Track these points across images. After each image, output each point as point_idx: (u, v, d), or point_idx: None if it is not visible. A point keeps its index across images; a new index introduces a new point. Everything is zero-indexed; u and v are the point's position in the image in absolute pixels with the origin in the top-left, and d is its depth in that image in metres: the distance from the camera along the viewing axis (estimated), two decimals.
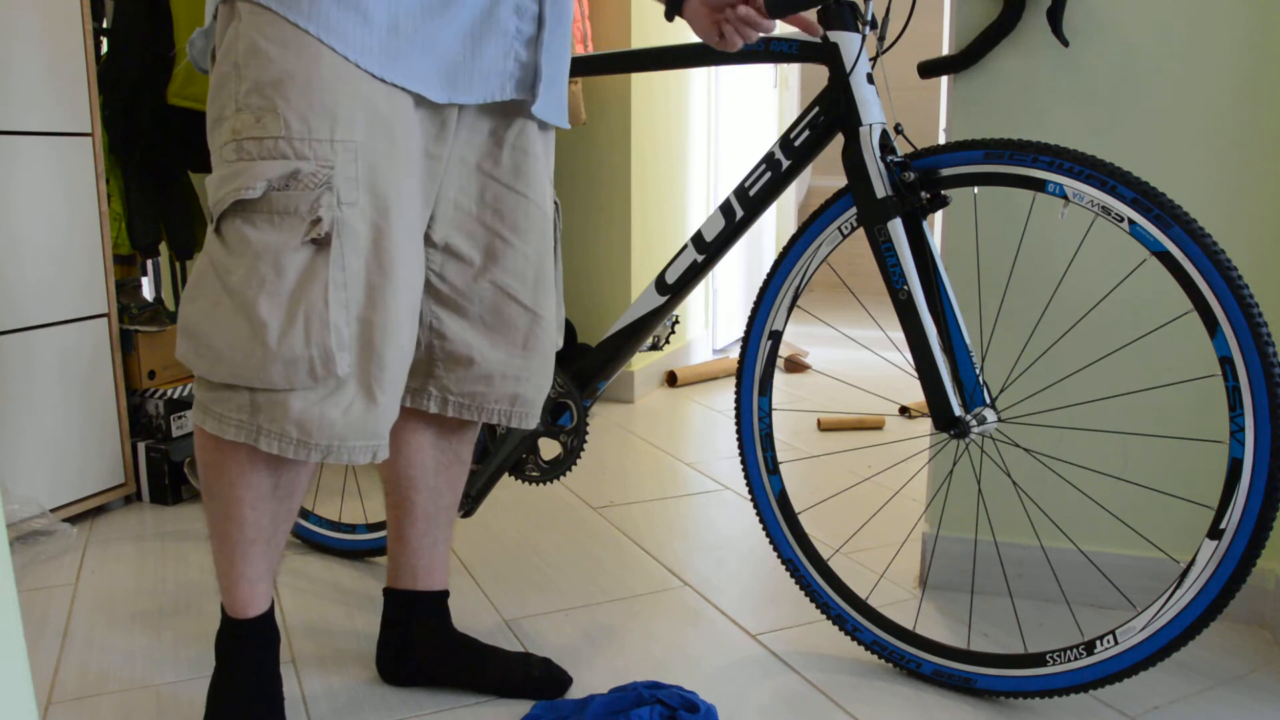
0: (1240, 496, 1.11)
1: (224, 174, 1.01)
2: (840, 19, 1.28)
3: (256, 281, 1.00)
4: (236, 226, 1.01)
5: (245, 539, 1.14)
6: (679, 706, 1.24)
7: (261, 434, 1.04)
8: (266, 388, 1.03)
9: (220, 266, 1.03)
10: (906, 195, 1.26)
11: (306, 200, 1.00)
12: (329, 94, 1.01)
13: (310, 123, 1.00)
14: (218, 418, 1.06)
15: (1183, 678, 1.39)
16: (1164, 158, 1.49)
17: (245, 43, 1.00)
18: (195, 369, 1.05)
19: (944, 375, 1.25)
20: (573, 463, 1.53)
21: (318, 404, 1.04)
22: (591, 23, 2.92)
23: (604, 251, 3.05)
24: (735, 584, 1.72)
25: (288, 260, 1.01)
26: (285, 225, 1.01)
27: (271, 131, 0.99)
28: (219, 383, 1.05)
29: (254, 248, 1.00)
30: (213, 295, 1.03)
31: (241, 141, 1.00)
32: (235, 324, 1.01)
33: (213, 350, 1.03)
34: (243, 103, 1.00)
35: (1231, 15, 1.43)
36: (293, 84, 1.00)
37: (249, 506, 1.12)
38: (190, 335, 1.04)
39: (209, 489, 1.13)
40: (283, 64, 0.99)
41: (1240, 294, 1.09)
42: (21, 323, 1.87)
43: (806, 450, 2.56)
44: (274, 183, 1.00)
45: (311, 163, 1.01)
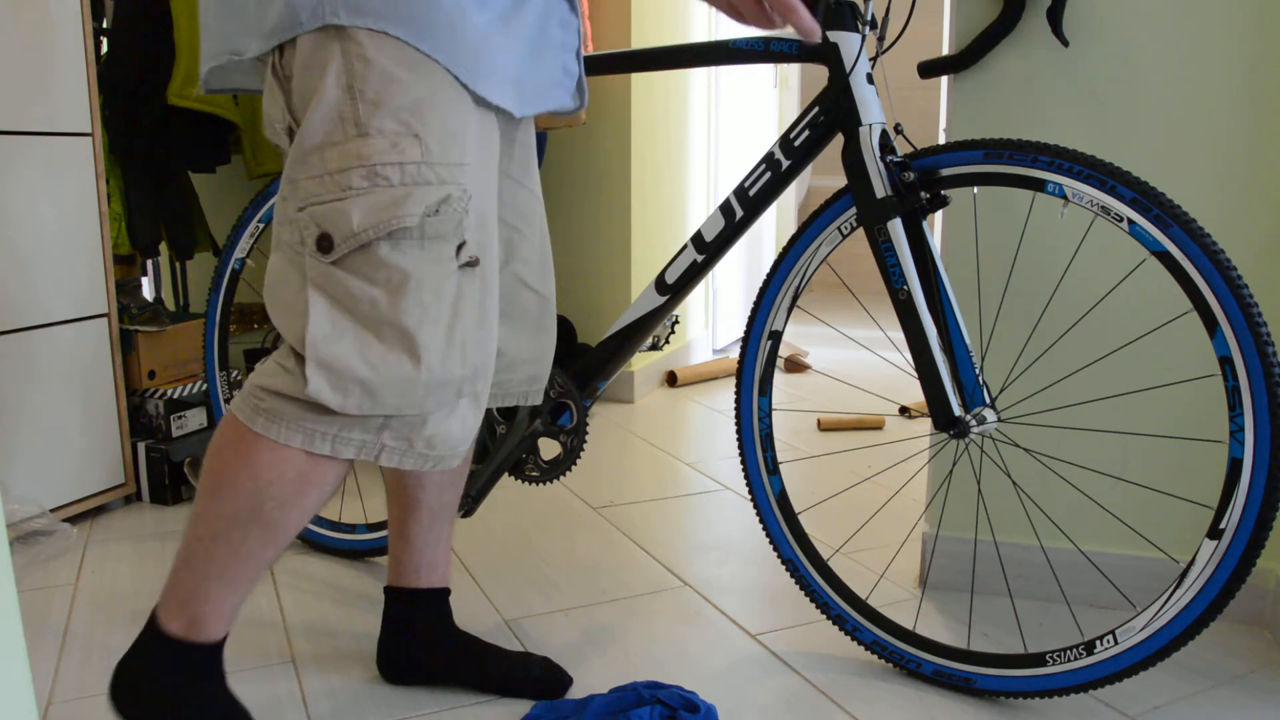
0: (1240, 496, 1.11)
1: (363, 201, 0.98)
2: (840, 19, 1.28)
3: (418, 309, 1.00)
4: (381, 254, 0.99)
5: (276, 555, 1.10)
6: (679, 706, 1.24)
7: (384, 450, 1.04)
8: (413, 412, 1.03)
9: (353, 295, 0.99)
10: (906, 195, 1.26)
11: (453, 224, 1.02)
12: (454, 117, 1.02)
13: (448, 147, 1.01)
14: (333, 440, 1.03)
15: (1183, 678, 1.39)
16: (1164, 157, 1.49)
17: (364, 66, 0.98)
18: (332, 404, 1.00)
19: (944, 375, 1.25)
20: (573, 463, 1.53)
21: (446, 419, 1.06)
22: (591, 23, 2.92)
23: (604, 251, 3.05)
24: (735, 584, 1.72)
25: (446, 286, 1.02)
26: (436, 250, 1.01)
27: (412, 157, 0.99)
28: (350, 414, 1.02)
29: (410, 275, 0.99)
30: (355, 332, 1.00)
31: (375, 167, 0.98)
32: (392, 355, 1.00)
33: (361, 384, 1.00)
34: (370, 128, 0.98)
35: (1231, 15, 1.43)
36: (429, 108, 1.00)
37: (301, 520, 1.09)
38: (331, 370, 0.99)
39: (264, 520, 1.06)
40: (415, 89, 0.99)
41: (1240, 294, 1.09)
42: (22, 323, 1.87)
43: (806, 450, 2.56)
44: (428, 209, 1.00)
45: (455, 187, 1.02)
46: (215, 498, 1.06)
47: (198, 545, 1.08)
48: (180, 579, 1.10)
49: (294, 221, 1.01)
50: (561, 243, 3.10)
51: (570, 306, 3.12)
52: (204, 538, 1.07)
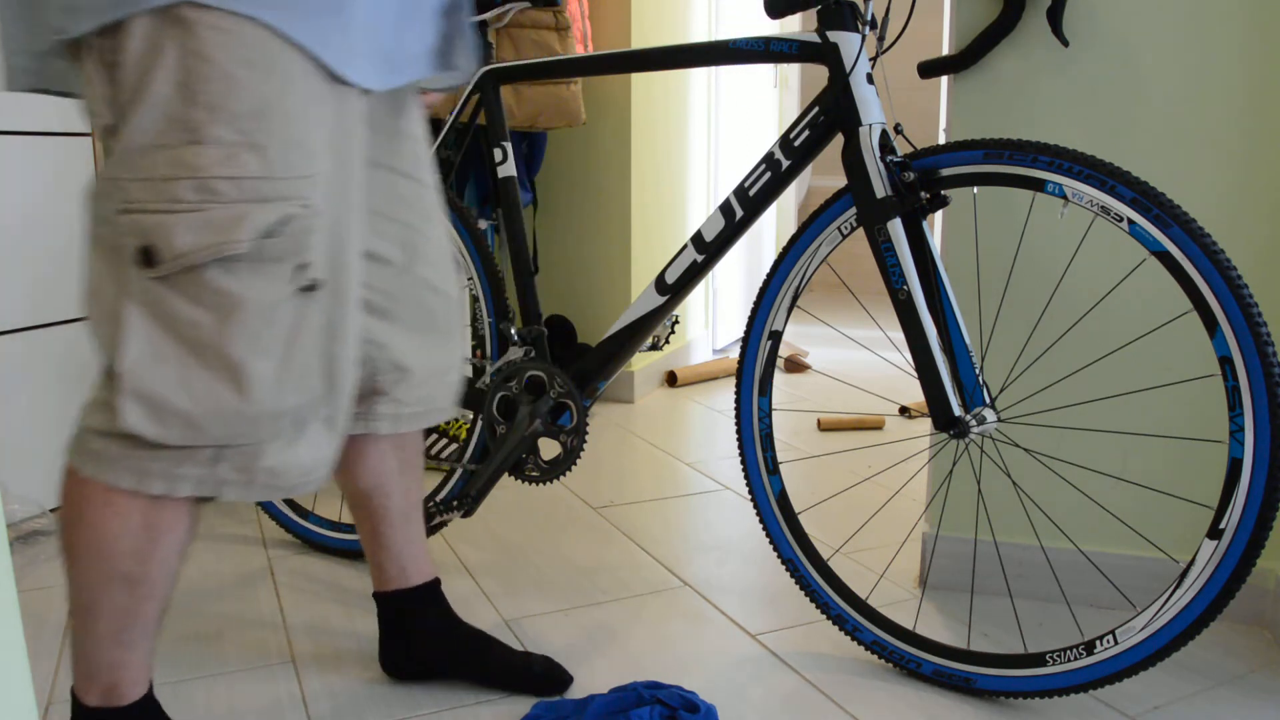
0: (1240, 496, 1.11)
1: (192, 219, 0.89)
2: (840, 19, 1.28)
3: (247, 337, 0.92)
4: (210, 278, 0.90)
5: (161, 605, 1.05)
6: (679, 706, 1.24)
7: (224, 485, 0.97)
8: (243, 443, 0.95)
9: (176, 316, 0.91)
10: (906, 195, 1.26)
11: (292, 245, 0.93)
12: (302, 122, 0.93)
13: (292, 159, 0.92)
14: (166, 478, 0.95)
15: (1183, 678, 1.39)
16: (1163, 157, 1.49)
17: (201, 64, 0.88)
18: (151, 436, 0.92)
19: (944, 375, 1.25)
20: (573, 463, 1.53)
21: (287, 449, 0.98)
22: (591, 23, 2.92)
23: (604, 251, 3.05)
24: (735, 584, 1.72)
25: (280, 312, 0.93)
26: (271, 273, 0.92)
27: (251, 171, 0.89)
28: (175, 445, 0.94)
29: (240, 301, 0.91)
30: (177, 355, 0.91)
31: (207, 181, 0.88)
32: (216, 385, 0.92)
33: (181, 415, 0.92)
34: (204, 135, 0.88)
35: (1231, 14, 1.43)
36: (274, 114, 0.91)
37: (168, 570, 1.03)
38: (148, 402, 0.91)
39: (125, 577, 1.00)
40: (259, 90, 0.90)
41: (1240, 294, 1.09)
42: (21, 323, 1.87)
43: (806, 450, 2.56)
44: (264, 230, 0.90)
45: (296, 203, 0.92)
46: (73, 564, 1.00)
47: (78, 618, 1.02)
48: (80, 653, 1.05)
49: (111, 223, 0.91)
50: (561, 243, 3.10)
51: (570, 306, 3.12)
52: (79, 609, 1.02)
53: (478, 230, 1.66)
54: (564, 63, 1.53)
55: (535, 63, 1.56)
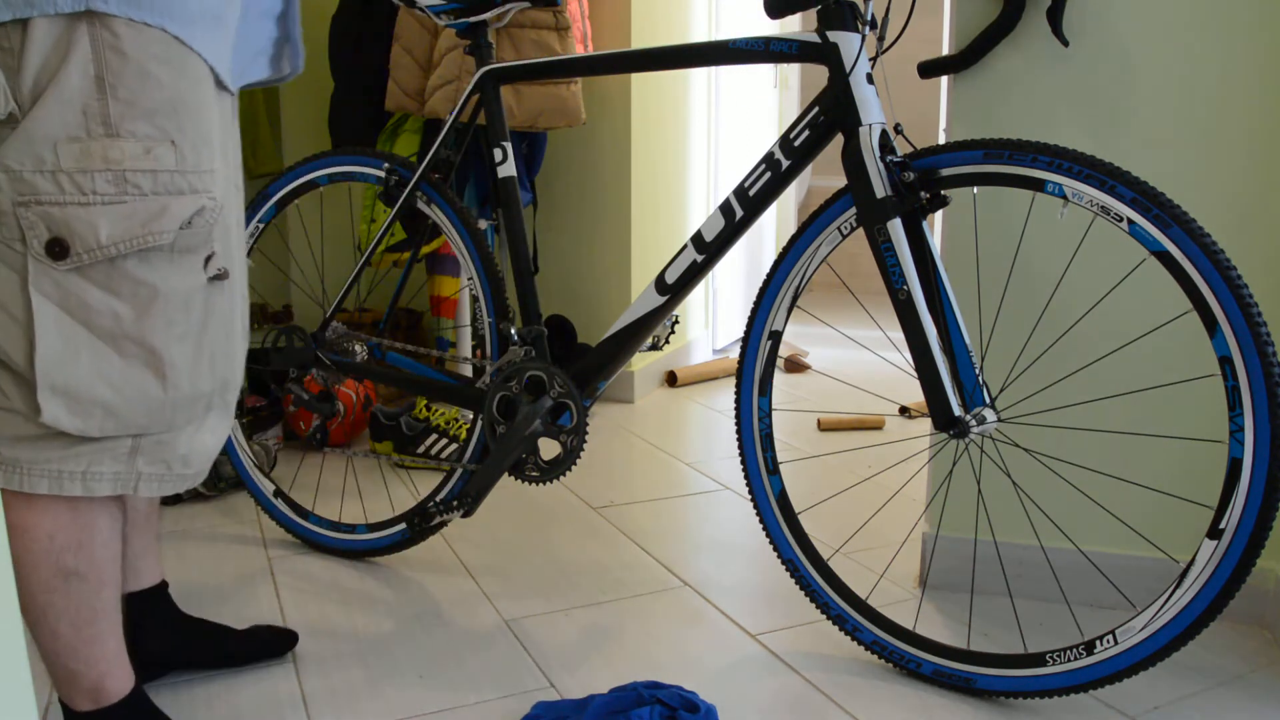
0: (1240, 496, 1.11)
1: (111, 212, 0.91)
2: (840, 19, 1.28)
3: (165, 326, 0.95)
4: (128, 268, 0.92)
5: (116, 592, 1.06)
6: (679, 706, 1.24)
7: (141, 479, 0.99)
8: (162, 430, 0.97)
9: (91, 308, 0.92)
10: (906, 195, 1.26)
11: (204, 236, 0.97)
12: (205, 119, 0.97)
13: (201, 154, 0.96)
14: (83, 478, 0.96)
15: (1183, 678, 1.39)
16: (1163, 157, 1.49)
17: (119, 60, 0.90)
18: (71, 429, 0.93)
19: (944, 375, 1.25)
20: (573, 463, 1.53)
21: (196, 434, 1.01)
22: (591, 23, 2.92)
23: (604, 251, 3.05)
24: (735, 584, 1.72)
25: (195, 300, 0.97)
26: (186, 264, 0.96)
27: (166, 165, 0.93)
28: (92, 438, 0.95)
29: (157, 290, 0.94)
30: (91, 346, 0.93)
31: (125, 173, 0.91)
32: (134, 373, 0.94)
33: (100, 405, 0.93)
34: (121, 128, 0.90)
35: (1231, 14, 1.43)
36: (184, 111, 0.94)
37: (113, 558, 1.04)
38: (66, 395, 0.92)
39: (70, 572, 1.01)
40: (171, 88, 0.93)
41: (1239, 294, 1.09)
42: None
43: (806, 450, 2.56)
44: (182, 222, 0.94)
45: (206, 196, 0.97)
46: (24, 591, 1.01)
47: (40, 626, 1.04)
48: (55, 664, 1.06)
49: (8, 214, 0.91)
50: (561, 243, 3.10)
51: (570, 306, 3.12)
52: (38, 618, 1.03)
53: (478, 230, 1.66)
54: (564, 63, 1.53)
55: (535, 63, 1.56)
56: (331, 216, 3.13)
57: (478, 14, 1.60)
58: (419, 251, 1.79)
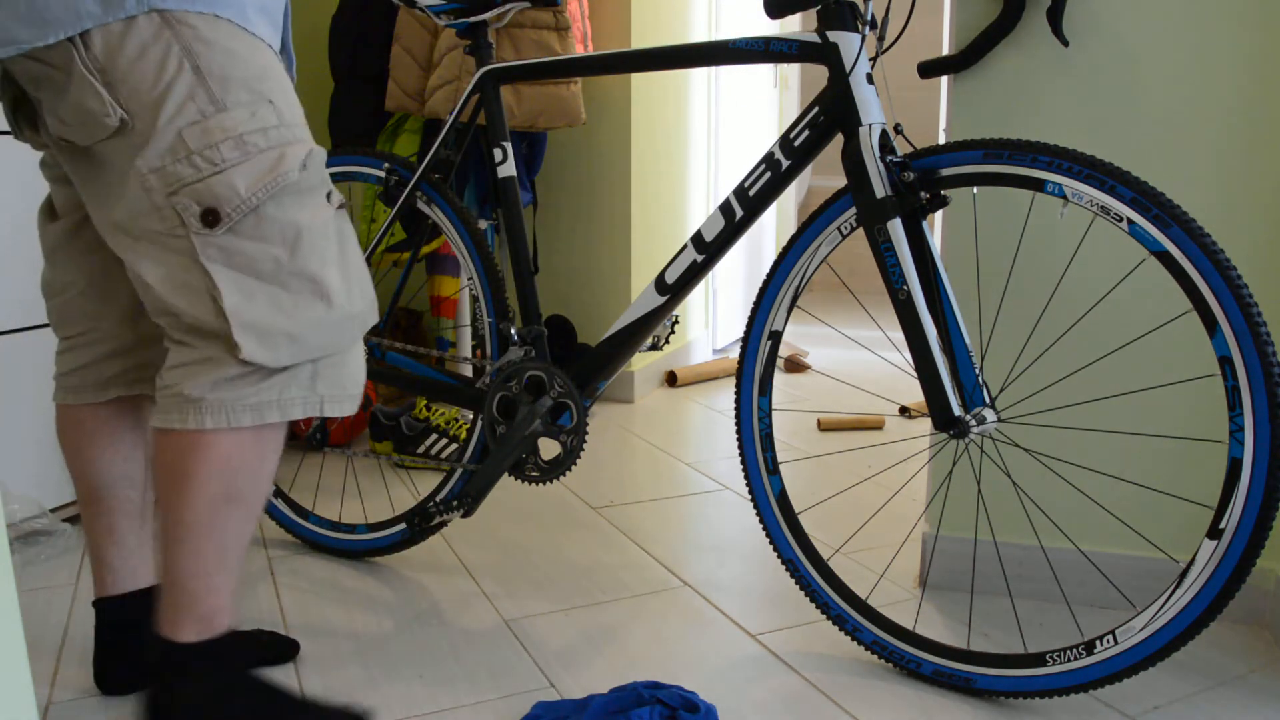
0: (1240, 496, 1.11)
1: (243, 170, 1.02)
2: (840, 19, 1.28)
3: (316, 255, 1.07)
4: (270, 214, 1.04)
5: (253, 528, 1.15)
6: (679, 706, 1.24)
7: (325, 401, 1.11)
8: (335, 351, 1.10)
9: (253, 257, 1.04)
10: (906, 195, 1.26)
11: (319, 175, 1.09)
12: (286, 81, 1.10)
13: (293, 108, 1.09)
14: (279, 406, 1.08)
15: (1183, 678, 1.39)
16: (1163, 157, 1.49)
17: (204, 47, 1.02)
18: (266, 361, 1.05)
19: (944, 375, 1.25)
20: (573, 463, 1.53)
21: (358, 356, 1.14)
22: (591, 23, 2.92)
23: (604, 251, 3.05)
24: (735, 584, 1.72)
25: (332, 229, 1.10)
26: (313, 200, 1.08)
27: (270, 122, 1.05)
28: (280, 367, 1.07)
29: (301, 226, 1.06)
30: (263, 289, 1.05)
31: (242, 137, 1.03)
32: (304, 301, 1.06)
33: (284, 334, 1.06)
34: (227, 101, 1.02)
35: (1231, 14, 1.43)
36: (270, 75, 1.07)
37: (269, 485, 1.15)
38: (257, 332, 1.04)
39: (235, 495, 1.10)
40: (255, 60, 1.06)
41: (1239, 294, 1.09)
42: (22, 323, 1.87)
43: (806, 450, 2.56)
44: (301, 163, 1.06)
45: (310, 142, 1.10)
46: (187, 506, 1.08)
47: (184, 548, 1.10)
48: (179, 588, 1.12)
49: (165, 208, 1.03)
50: (561, 243, 3.10)
51: (570, 306, 3.12)
52: (187, 539, 1.10)
53: (478, 230, 1.66)
54: (564, 63, 1.53)
55: (535, 63, 1.56)
56: None
57: (478, 14, 1.60)
58: (419, 251, 1.79)
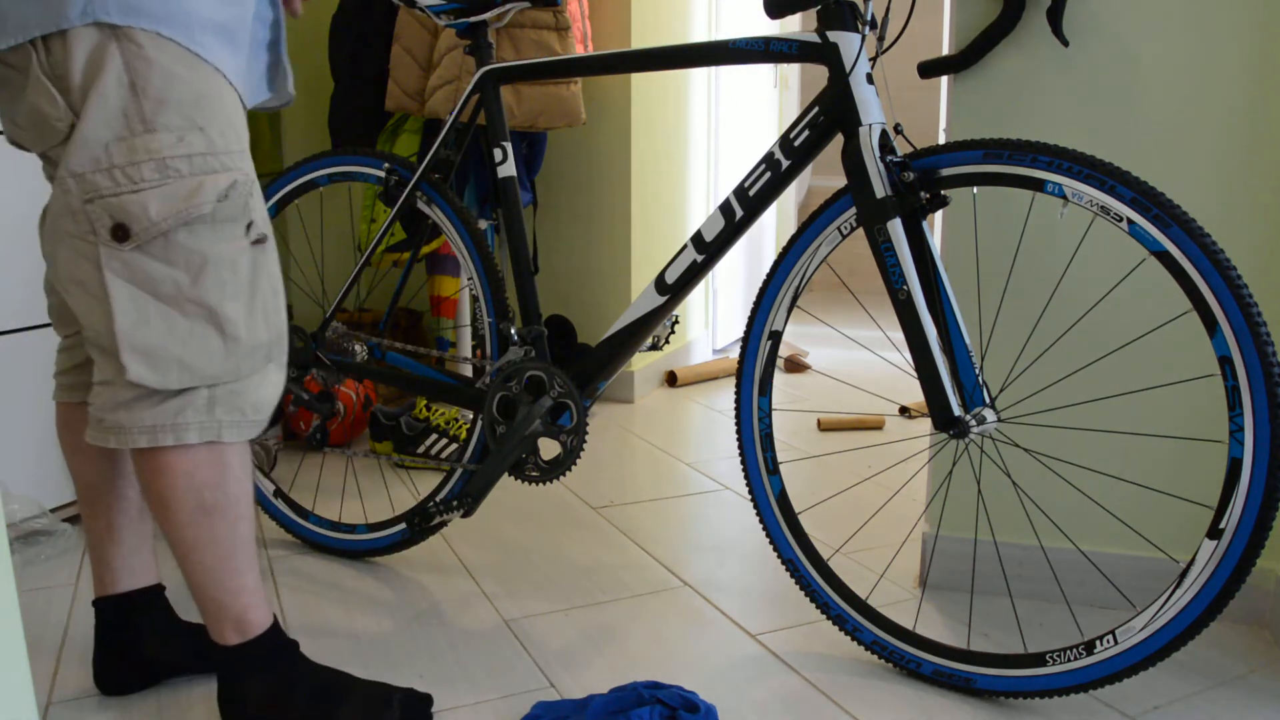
0: (1240, 496, 1.11)
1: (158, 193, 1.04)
2: (840, 19, 1.28)
3: (217, 285, 1.09)
4: (179, 240, 1.06)
5: (251, 525, 1.18)
6: (679, 706, 1.24)
7: (223, 427, 1.12)
8: (232, 379, 1.11)
9: (154, 278, 1.06)
10: (906, 195, 1.26)
11: (241, 206, 1.10)
12: (229, 108, 1.11)
13: (228, 136, 1.10)
14: (173, 430, 1.10)
15: (1183, 678, 1.39)
16: (1163, 157, 1.49)
17: (145, 65, 1.03)
18: (153, 383, 1.07)
19: (943, 375, 1.25)
20: (573, 463, 1.53)
21: (263, 382, 1.15)
22: (591, 23, 2.92)
23: (604, 251, 3.05)
24: (735, 584, 1.72)
25: (241, 262, 1.11)
26: (228, 231, 1.10)
27: (198, 148, 1.07)
28: (174, 390, 1.08)
29: (208, 256, 1.08)
30: (159, 311, 1.07)
31: (165, 160, 1.04)
32: (198, 329, 1.08)
33: (174, 360, 1.07)
34: (156, 123, 1.04)
35: (1231, 14, 1.43)
36: (207, 102, 1.08)
37: (246, 487, 1.17)
38: (145, 354, 1.06)
39: (210, 507, 1.14)
40: (194, 85, 1.06)
41: (1239, 294, 1.09)
42: (22, 323, 1.87)
43: (806, 450, 2.56)
44: (219, 195, 1.08)
45: (239, 172, 1.11)
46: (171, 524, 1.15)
47: (189, 562, 1.17)
48: (204, 598, 1.18)
49: (80, 213, 1.05)
50: (561, 243, 3.10)
51: (570, 306, 3.12)
52: (186, 554, 1.16)
53: (478, 230, 1.66)
54: (564, 63, 1.53)
55: (535, 63, 1.56)
56: (331, 216, 3.13)
57: (478, 14, 1.60)
58: (419, 251, 1.79)
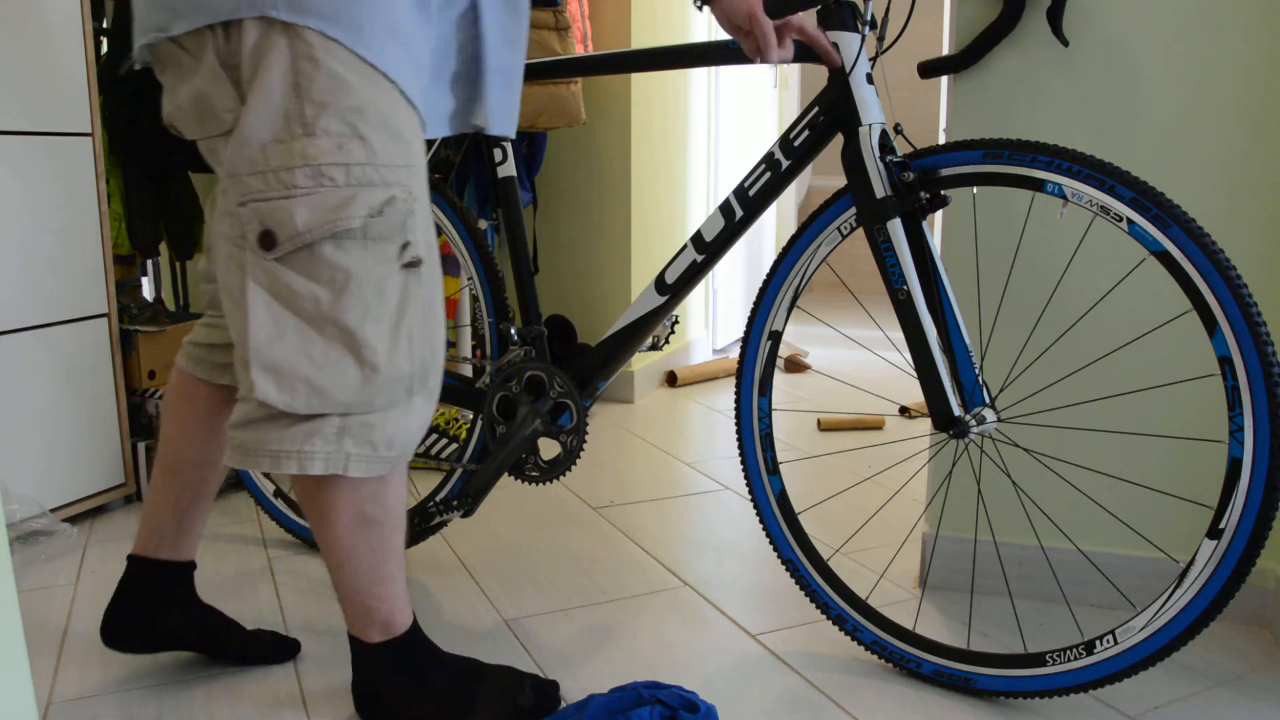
0: (1239, 496, 1.11)
1: (308, 201, 0.99)
2: (840, 19, 1.28)
3: (360, 307, 1.02)
4: (324, 254, 1.01)
5: (401, 546, 1.19)
6: (679, 706, 1.24)
7: (350, 460, 1.07)
8: (365, 411, 1.05)
9: (295, 292, 1.01)
10: (906, 195, 1.26)
11: (397, 225, 1.04)
12: (397, 120, 1.04)
13: (392, 149, 1.03)
14: (298, 457, 1.05)
15: (1183, 678, 1.39)
16: (1163, 157, 1.49)
17: (312, 67, 0.98)
18: (279, 404, 1.02)
19: (943, 375, 1.25)
20: (573, 463, 1.53)
21: (402, 417, 1.09)
22: (591, 23, 2.92)
23: (604, 251, 3.05)
24: (735, 584, 1.72)
25: (389, 284, 1.04)
26: (379, 250, 1.03)
27: (358, 158, 1.01)
28: (303, 415, 1.04)
29: (352, 274, 1.02)
30: (296, 328, 1.02)
31: (321, 167, 0.99)
32: (334, 353, 1.02)
33: (304, 382, 1.02)
34: (316, 127, 0.99)
35: (1231, 14, 1.43)
36: (374, 111, 1.02)
37: (400, 503, 1.16)
38: (274, 372, 1.02)
39: (370, 519, 1.13)
40: (361, 92, 1.01)
41: (1239, 293, 1.09)
42: (22, 323, 1.87)
43: (806, 450, 2.56)
44: (372, 210, 1.02)
45: (399, 188, 1.04)
46: (330, 537, 1.14)
47: (344, 569, 1.16)
48: (354, 602, 1.19)
49: (234, 215, 1.02)
50: (561, 243, 3.10)
51: (570, 306, 3.12)
52: (343, 564, 1.16)
53: (478, 230, 1.66)
54: (564, 63, 1.53)
55: (535, 63, 1.56)
56: None
57: None
58: None
